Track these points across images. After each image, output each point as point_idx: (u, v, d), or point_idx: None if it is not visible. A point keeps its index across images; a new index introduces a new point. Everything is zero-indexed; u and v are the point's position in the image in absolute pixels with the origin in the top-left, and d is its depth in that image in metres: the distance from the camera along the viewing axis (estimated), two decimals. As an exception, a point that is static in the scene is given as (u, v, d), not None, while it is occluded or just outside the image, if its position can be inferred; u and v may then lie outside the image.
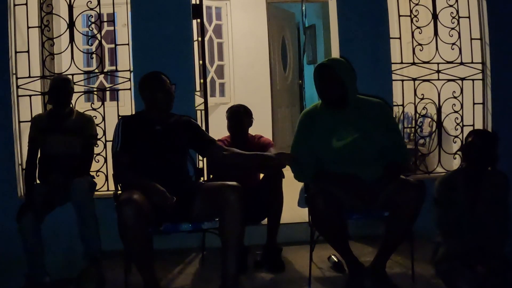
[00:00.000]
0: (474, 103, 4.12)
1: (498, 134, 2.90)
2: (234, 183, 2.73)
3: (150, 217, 2.64)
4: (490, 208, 2.70)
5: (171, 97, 2.98)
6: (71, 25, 3.88)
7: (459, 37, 4.08)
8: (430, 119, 4.50)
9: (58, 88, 3.38)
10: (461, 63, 4.11)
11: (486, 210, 2.69)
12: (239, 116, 3.60)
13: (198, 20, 4.06)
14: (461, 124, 4.11)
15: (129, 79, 3.93)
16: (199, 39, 4.18)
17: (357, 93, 2.95)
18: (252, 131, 3.70)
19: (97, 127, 3.63)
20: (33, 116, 3.63)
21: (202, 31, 4.11)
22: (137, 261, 2.68)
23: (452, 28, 4.09)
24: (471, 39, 4.12)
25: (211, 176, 3.59)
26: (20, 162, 3.83)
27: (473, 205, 2.71)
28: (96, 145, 3.61)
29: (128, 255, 2.69)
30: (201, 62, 4.22)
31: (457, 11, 4.10)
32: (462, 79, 4.12)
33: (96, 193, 3.49)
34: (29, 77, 3.86)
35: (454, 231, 2.72)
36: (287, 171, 3.12)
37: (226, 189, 2.68)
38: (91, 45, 4.39)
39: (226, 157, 2.93)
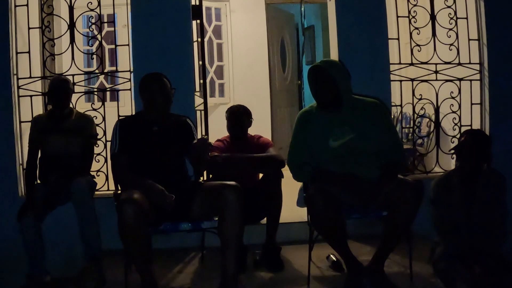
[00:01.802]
0: (472, 103, 4.14)
1: (495, 134, 2.93)
2: (233, 182, 2.74)
3: (150, 217, 2.66)
4: (486, 208, 2.71)
5: (169, 101, 2.99)
6: (71, 26, 3.89)
7: (457, 37, 4.10)
8: (428, 119, 4.52)
9: (56, 89, 3.39)
10: (459, 64, 4.13)
11: (482, 210, 2.70)
12: (239, 117, 3.62)
13: (198, 21, 4.08)
14: (459, 124, 4.12)
15: (129, 80, 3.95)
16: (199, 40, 4.21)
17: (352, 94, 2.97)
18: (251, 131, 3.72)
19: (98, 127, 3.64)
20: (34, 116, 3.65)
21: (202, 32, 4.13)
22: (135, 260, 2.69)
23: (450, 29, 4.11)
24: (469, 39, 4.13)
25: (210, 176, 3.61)
26: (21, 162, 3.85)
27: (469, 205, 2.73)
28: (96, 145, 3.63)
29: (128, 254, 2.70)
30: (200, 62, 4.24)
31: (455, 12, 4.12)
32: (460, 79, 4.14)
33: (96, 192, 3.51)
34: (30, 77, 3.87)
35: (451, 231, 2.73)
36: (286, 171, 3.15)
37: (226, 189, 2.69)
38: (92, 45, 4.41)
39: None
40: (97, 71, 4.23)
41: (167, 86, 2.97)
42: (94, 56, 4.33)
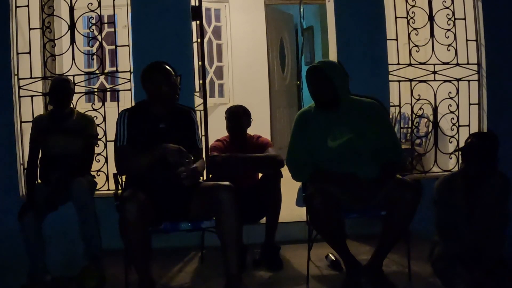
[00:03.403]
0: (469, 104, 4.16)
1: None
2: (226, 183, 2.73)
3: (151, 216, 2.66)
4: (489, 210, 2.71)
5: (177, 91, 2.89)
6: (72, 26, 3.90)
7: (455, 38, 4.12)
8: (426, 120, 4.53)
9: (58, 89, 3.41)
10: (457, 64, 4.15)
11: (484, 213, 2.71)
12: (238, 117, 3.63)
13: (198, 21, 4.08)
14: (457, 124, 4.14)
15: (130, 80, 3.96)
16: (199, 40, 4.22)
17: (350, 94, 2.99)
18: (250, 131, 3.73)
19: (98, 127, 3.66)
20: (34, 116, 3.67)
21: (202, 32, 4.14)
22: (135, 259, 2.68)
23: (448, 30, 4.13)
24: (467, 40, 4.15)
25: (210, 175, 3.62)
26: (21, 162, 3.86)
27: (472, 207, 2.73)
28: (97, 145, 3.64)
29: (128, 252, 2.71)
30: (200, 63, 4.25)
31: (453, 13, 4.14)
32: (458, 80, 4.16)
33: (96, 192, 3.53)
34: (31, 78, 3.88)
35: (453, 233, 2.74)
36: (285, 170, 3.16)
37: (219, 189, 2.69)
38: (92, 46, 4.43)
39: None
40: (97, 71, 4.25)
41: (172, 74, 2.87)
42: (95, 57, 4.35)
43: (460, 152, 2.84)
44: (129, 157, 2.76)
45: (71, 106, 3.53)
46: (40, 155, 3.45)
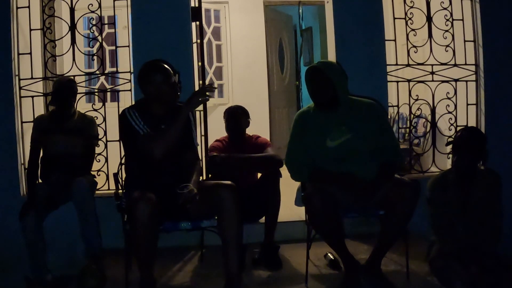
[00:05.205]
0: (467, 104, 4.18)
1: (490, 134, 2.97)
2: (228, 182, 2.74)
3: (159, 216, 2.65)
4: (482, 207, 2.73)
5: (177, 90, 2.83)
6: (72, 27, 3.92)
7: (453, 39, 4.14)
8: (424, 120, 4.56)
9: (64, 89, 3.42)
10: (455, 65, 4.17)
11: (477, 209, 2.73)
12: (237, 117, 3.65)
13: (197, 22, 4.10)
14: (455, 124, 4.16)
15: (130, 80, 3.98)
16: (198, 41, 4.24)
17: (349, 94, 3.00)
18: (249, 131, 3.75)
19: (98, 128, 3.68)
20: (35, 116, 3.68)
21: (201, 33, 4.16)
22: (140, 258, 2.67)
23: (446, 31, 4.15)
24: (465, 41, 4.18)
25: (209, 175, 3.64)
26: (22, 162, 3.87)
27: (465, 204, 2.75)
28: (97, 145, 3.66)
29: (130, 251, 2.70)
30: (200, 63, 4.27)
31: (451, 14, 4.16)
32: (456, 80, 4.18)
33: (96, 192, 3.54)
34: (32, 78, 3.90)
35: (447, 230, 2.76)
36: (284, 170, 3.18)
37: (220, 189, 2.70)
38: (92, 47, 4.44)
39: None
40: (97, 72, 4.25)
41: (171, 74, 2.79)
42: (95, 57, 4.36)
43: (451, 147, 2.84)
44: (159, 135, 2.69)
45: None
46: (41, 155, 3.47)
